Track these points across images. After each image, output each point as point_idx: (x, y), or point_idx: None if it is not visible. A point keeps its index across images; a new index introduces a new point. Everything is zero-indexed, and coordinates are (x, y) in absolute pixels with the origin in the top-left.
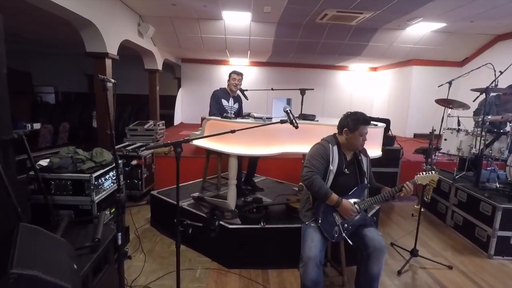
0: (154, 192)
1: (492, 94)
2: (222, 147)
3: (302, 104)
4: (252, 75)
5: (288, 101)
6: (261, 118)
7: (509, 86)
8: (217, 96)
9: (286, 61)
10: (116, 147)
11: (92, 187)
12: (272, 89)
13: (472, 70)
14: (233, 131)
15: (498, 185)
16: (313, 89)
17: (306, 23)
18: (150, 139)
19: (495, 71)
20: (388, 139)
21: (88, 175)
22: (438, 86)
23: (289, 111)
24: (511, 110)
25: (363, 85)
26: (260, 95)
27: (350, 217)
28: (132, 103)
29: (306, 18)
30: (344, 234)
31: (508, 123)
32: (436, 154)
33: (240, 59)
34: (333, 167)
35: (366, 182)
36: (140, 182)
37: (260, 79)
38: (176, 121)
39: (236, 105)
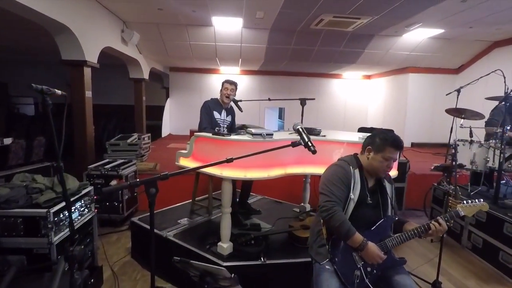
0: (135, 219)
1: (502, 103)
2: (214, 171)
3: (302, 116)
4: (243, 84)
5: (280, 111)
6: (260, 134)
7: None
8: (208, 108)
9: (279, 70)
10: (93, 165)
11: (50, 226)
12: (269, 99)
13: (481, 77)
14: (230, 160)
15: None
16: (314, 99)
17: (301, 29)
18: (134, 154)
19: (504, 77)
20: None
21: (45, 210)
22: (447, 95)
23: (301, 129)
24: None
25: (357, 94)
26: (251, 105)
27: (375, 263)
28: (118, 114)
29: (300, 24)
30: (367, 280)
31: None
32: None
33: (231, 68)
34: (355, 195)
35: (391, 214)
36: (120, 205)
37: (252, 89)
38: (164, 133)
39: (229, 118)
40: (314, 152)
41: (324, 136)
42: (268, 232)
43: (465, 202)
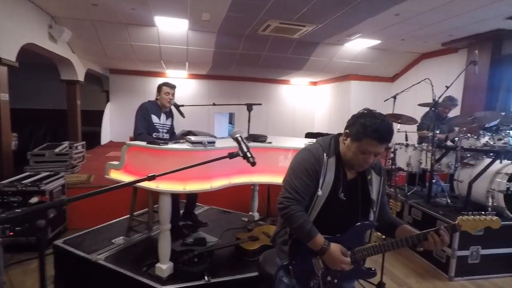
0: (60, 241)
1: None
2: (149, 184)
3: (249, 122)
4: (191, 89)
5: (231, 116)
6: (200, 142)
7: (447, 97)
8: (146, 111)
9: (228, 74)
10: (7, 180)
11: None
12: (214, 104)
13: (413, 85)
14: (151, 177)
15: (448, 200)
16: (260, 104)
17: (248, 34)
18: (63, 166)
19: (432, 86)
20: None
21: None
22: (385, 101)
23: (240, 138)
24: (455, 124)
25: (305, 99)
26: (200, 110)
27: (339, 269)
28: (49, 120)
29: (248, 29)
30: None
31: (451, 139)
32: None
33: (178, 71)
34: (324, 191)
35: (372, 217)
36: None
37: (201, 93)
38: (104, 140)
39: (169, 122)
40: (253, 164)
41: (270, 143)
42: (213, 247)
43: (468, 214)
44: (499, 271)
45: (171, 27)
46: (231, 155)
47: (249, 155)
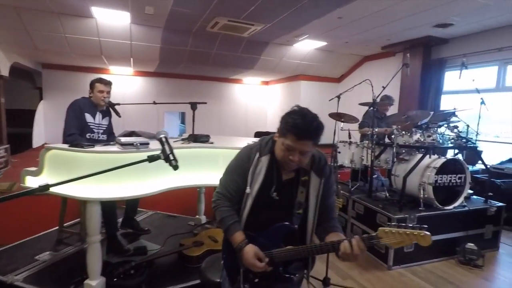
0: None
1: (371, 107)
2: (73, 191)
3: (193, 121)
4: (138, 87)
5: (182, 116)
6: (131, 144)
7: (384, 96)
8: (79, 109)
9: (177, 72)
10: None
11: None
12: (154, 103)
13: (355, 85)
14: (44, 188)
15: (387, 194)
16: (205, 103)
17: (197, 31)
18: None
19: (372, 86)
20: None
21: None
22: (329, 100)
23: (164, 139)
24: (391, 123)
25: (257, 99)
26: (149, 108)
27: (253, 270)
28: None
29: (196, 25)
30: (245, 286)
31: (388, 136)
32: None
33: (122, 68)
34: (253, 189)
35: (295, 220)
36: None
37: (148, 91)
38: (37, 142)
39: (106, 121)
40: (174, 167)
41: (212, 143)
42: (153, 256)
43: (391, 225)
44: (430, 257)
45: (112, 19)
46: (151, 158)
47: (171, 157)
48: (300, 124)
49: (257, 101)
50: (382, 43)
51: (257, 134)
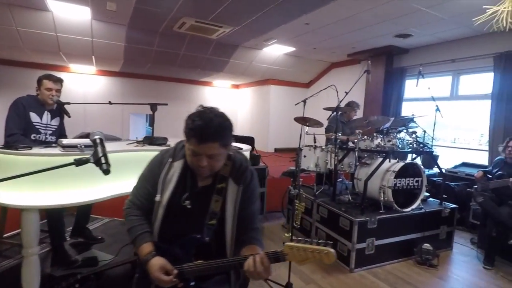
0: None
1: (339, 112)
2: (7, 198)
3: (153, 123)
4: (101, 86)
5: (150, 118)
6: (75, 146)
7: (349, 102)
8: (22, 108)
9: (144, 72)
10: None
11: None
12: (110, 103)
13: (321, 90)
14: None
15: (350, 197)
16: (166, 104)
17: (164, 31)
18: None
19: (337, 92)
20: (254, 158)
21: None
22: (296, 104)
23: (98, 140)
24: (355, 127)
25: (227, 102)
26: (113, 110)
27: (160, 285)
28: None
29: (162, 24)
30: None
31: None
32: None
33: (84, 66)
34: (164, 197)
35: (206, 231)
36: None
37: (112, 92)
38: None
39: (55, 122)
40: (105, 172)
41: (169, 146)
42: (103, 267)
43: (297, 241)
44: (390, 258)
45: (70, 14)
46: (79, 162)
47: (103, 161)
48: (200, 125)
49: (227, 104)
50: (348, 51)
51: None
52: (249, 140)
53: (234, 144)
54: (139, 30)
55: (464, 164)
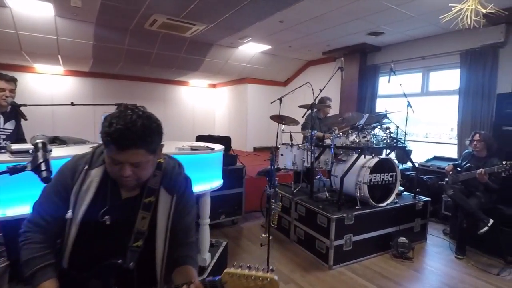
0: None
1: (315, 109)
2: None
3: None
4: (69, 87)
5: None
6: (26, 151)
7: (322, 98)
8: None
9: (116, 72)
10: None
11: None
12: (72, 104)
13: (296, 88)
14: None
15: (327, 195)
16: (135, 104)
17: (134, 28)
18: None
19: (313, 89)
20: (230, 158)
21: None
22: (271, 103)
23: (40, 145)
24: (330, 124)
25: (205, 101)
26: (84, 111)
27: None
28: None
29: (132, 22)
30: None
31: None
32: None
33: (50, 66)
34: (78, 212)
35: (133, 254)
36: None
37: (82, 93)
38: None
39: (11, 125)
40: (44, 180)
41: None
42: None
43: (239, 267)
44: (367, 253)
45: (31, 10)
46: (14, 170)
47: (43, 167)
48: (120, 129)
49: (204, 104)
50: (322, 49)
51: (199, 138)
52: (225, 140)
53: (206, 144)
54: (108, 27)
55: (435, 158)
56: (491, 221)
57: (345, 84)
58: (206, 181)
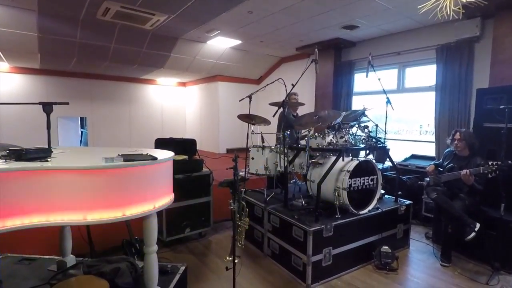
0: None
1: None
2: None
3: (48, 128)
4: (16, 86)
5: (82, 120)
6: None
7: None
8: None
9: (72, 70)
10: None
11: None
12: None
13: (267, 85)
14: None
15: (303, 202)
16: (67, 103)
17: (86, 19)
18: None
19: (285, 86)
20: (194, 164)
21: None
22: (240, 100)
23: None
24: (304, 124)
25: (174, 101)
26: (36, 113)
27: None
28: None
29: (81, 11)
30: None
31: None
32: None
33: None
34: None
35: None
36: None
37: (32, 92)
38: None
39: None
40: None
41: (47, 161)
42: None
43: None
44: (348, 267)
45: None
46: None
47: None
48: None
49: (174, 104)
50: (296, 44)
51: (159, 143)
52: (190, 143)
53: (148, 151)
54: (54, 17)
55: (413, 157)
56: (478, 225)
57: (319, 81)
58: (146, 200)
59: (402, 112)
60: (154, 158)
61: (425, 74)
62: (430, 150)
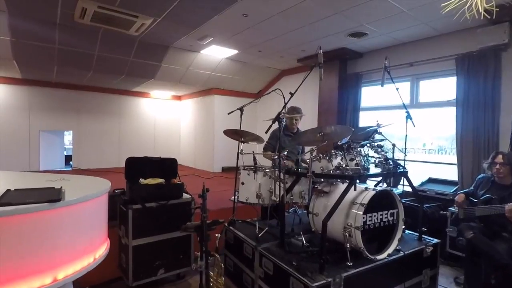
0: None
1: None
2: None
3: None
4: None
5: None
6: None
7: (290, 107)
8: None
9: (56, 80)
10: None
11: None
12: None
13: (263, 95)
14: None
15: (304, 240)
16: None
17: (63, 22)
18: None
19: (284, 97)
20: (172, 189)
21: None
22: (228, 113)
23: None
24: (305, 142)
25: (168, 115)
26: (17, 127)
27: None
28: None
29: (56, 12)
30: None
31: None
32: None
33: None
34: None
35: None
36: None
37: (15, 104)
38: None
39: None
40: None
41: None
42: None
43: None
44: None
45: None
46: None
47: None
48: None
49: (168, 118)
50: (297, 55)
51: (130, 163)
52: (169, 163)
53: (80, 180)
54: (27, 19)
55: (431, 180)
56: None
57: (323, 94)
58: (40, 271)
59: (408, 129)
60: (55, 199)
61: (442, 87)
62: (448, 173)
